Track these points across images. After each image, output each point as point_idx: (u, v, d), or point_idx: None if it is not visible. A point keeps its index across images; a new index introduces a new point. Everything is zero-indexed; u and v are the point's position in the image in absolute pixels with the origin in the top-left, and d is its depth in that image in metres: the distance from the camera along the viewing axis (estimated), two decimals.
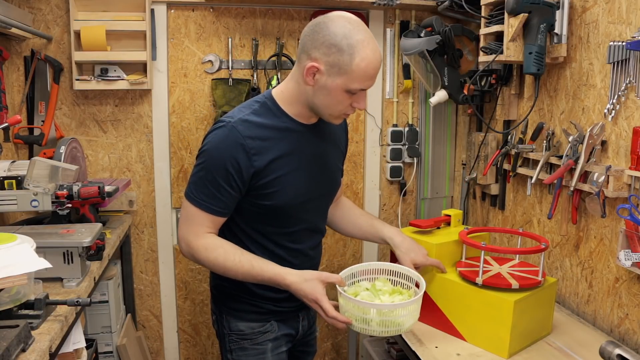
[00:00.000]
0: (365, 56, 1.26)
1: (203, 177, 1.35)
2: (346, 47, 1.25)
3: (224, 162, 1.32)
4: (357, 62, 1.26)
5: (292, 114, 1.40)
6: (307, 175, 1.44)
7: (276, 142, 1.37)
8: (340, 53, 1.26)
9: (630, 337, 1.59)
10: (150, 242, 2.44)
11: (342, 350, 2.76)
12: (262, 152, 1.35)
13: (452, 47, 2.15)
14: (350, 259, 2.67)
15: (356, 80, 1.29)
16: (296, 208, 1.44)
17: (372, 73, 1.30)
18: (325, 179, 1.52)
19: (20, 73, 2.19)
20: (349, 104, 1.34)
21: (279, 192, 1.39)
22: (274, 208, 1.41)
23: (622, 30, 1.58)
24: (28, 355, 1.11)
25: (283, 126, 1.39)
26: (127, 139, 2.36)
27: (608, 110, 1.62)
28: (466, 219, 2.57)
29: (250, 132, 1.33)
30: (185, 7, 2.31)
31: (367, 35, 1.28)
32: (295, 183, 1.41)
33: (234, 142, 1.32)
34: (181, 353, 2.57)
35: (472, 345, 1.57)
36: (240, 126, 1.33)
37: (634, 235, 1.48)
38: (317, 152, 1.47)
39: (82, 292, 1.48)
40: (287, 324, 1.55)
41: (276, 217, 1.44)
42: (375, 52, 1.28)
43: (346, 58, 1.26)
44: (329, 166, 1.52)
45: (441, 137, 2.63)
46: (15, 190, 1.64)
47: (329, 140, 1.52)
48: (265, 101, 1.41)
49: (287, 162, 1.39)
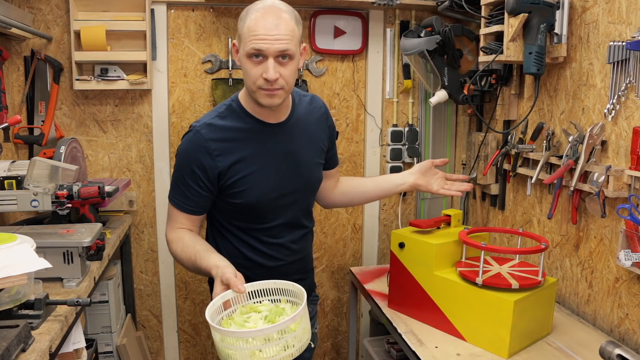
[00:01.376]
0: (253, 17, 1.32)
1: (176, 179, 1.47)
2: (243, 14, 1.35)
3: (190, 164, 1.42)
4: (247, 23, 1.32)
5: (255, 114, 1.46)
6: (276, 173, 1.49)
7: (240, 144, 1.44)
8: (240, 22, 1.36)
9: (630, 337, 1.59)
10: (150, 242, 2.44)
11: (342, 350, 2.76)
12: (226, 153, 1.42)
13: (452, 47, 2.15)
14: (350, 259, 2.67)
15: (247, 40, 1.32)
16: (269, 205, 1.50)
17: (258, 31, 1.30)
18: (299, 176, 1.54)
19: (20, 73, 2.19)
20: (260, 75, 1.33)
21: (246, 191, 1.45)
22: (245, 205, 1.48)
23: (622, 30, 1.58)
24: (28, 355, 1.11)
25: (247, 127, 1.45)
26: (127, 139, 2.36)
27: (608, 110, 1.62)
28: (466, 219, 2.57)
29: (213, 135, 1.42)
30: (185, 7, 2.31)
31: (265, 3, 1.34)
32: (262, 182, 1.46)
33: (197, 145, 1.41)
34: (181, 353, 2.57)
35: (472, 345, 1.57)
36: (204, 130, 1.42)
37: (634, 235, 1.48)
38: (287, 150, 1.50)
39: (82, 292, 1.48)
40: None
41: (251, 213, 1.51)
42: (264, 12, 1.31)
43: (241, 23, 1.35)
44: (302, 162, 1.54)
45: (441, 137, 2.63)
46: (15, 190, 1.64)
47: (301, 137, 1.54)
48: (231, 103, 1.48)
49: (252, 162, 1.45)
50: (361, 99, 2.54)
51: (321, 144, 1.62)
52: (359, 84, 2.52)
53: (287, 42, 1.31)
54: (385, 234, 2.66)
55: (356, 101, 2.54)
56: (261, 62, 1.32)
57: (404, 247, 1.74)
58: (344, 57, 2.49)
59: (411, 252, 1.72)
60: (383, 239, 2.67)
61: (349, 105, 2.54)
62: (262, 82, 1.34)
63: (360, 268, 2.34)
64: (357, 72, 2.51)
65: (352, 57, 2.49)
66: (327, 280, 2.66)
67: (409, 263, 1.74)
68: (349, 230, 2.65)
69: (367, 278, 2.18)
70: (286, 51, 1.32)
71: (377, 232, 2.66)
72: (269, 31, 1.30)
